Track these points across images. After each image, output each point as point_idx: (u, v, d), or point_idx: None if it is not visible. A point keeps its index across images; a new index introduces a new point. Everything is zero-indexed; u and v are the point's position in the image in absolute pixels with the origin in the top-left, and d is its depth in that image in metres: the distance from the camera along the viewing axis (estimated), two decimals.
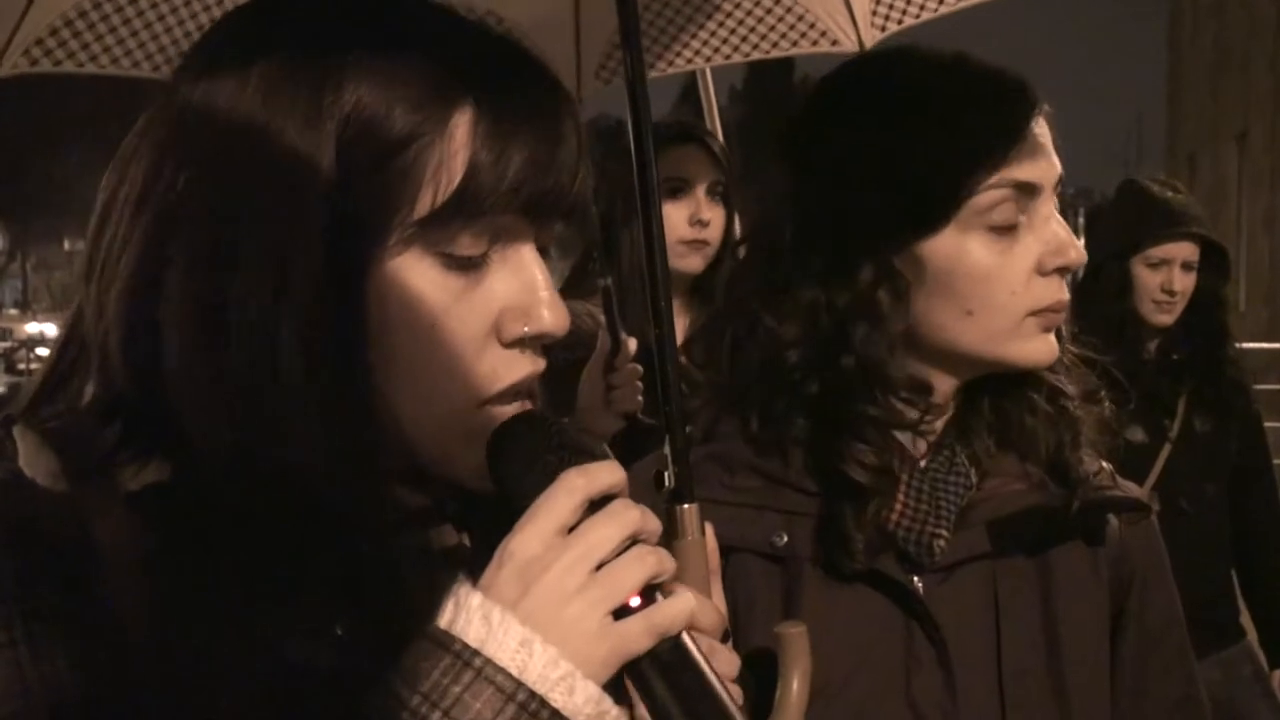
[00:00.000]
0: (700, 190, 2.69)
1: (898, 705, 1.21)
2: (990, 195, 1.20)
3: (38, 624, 0.73)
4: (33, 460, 0.79)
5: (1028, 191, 1.21)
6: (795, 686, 1.10)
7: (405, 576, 0.83)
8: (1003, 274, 1.21)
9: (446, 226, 0.82)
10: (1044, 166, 1.22)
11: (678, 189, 2.68)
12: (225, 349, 0.79)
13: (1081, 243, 1.29)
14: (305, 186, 0.79)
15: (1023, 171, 1.20)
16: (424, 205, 0.81)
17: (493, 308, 0.85)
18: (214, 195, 0.80)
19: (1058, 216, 1.23)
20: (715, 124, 3.35)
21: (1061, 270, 1.22)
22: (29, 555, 0.75)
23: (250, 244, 0.79)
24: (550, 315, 0.86)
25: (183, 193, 0.81)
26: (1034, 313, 1.22)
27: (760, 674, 1.11)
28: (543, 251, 0.89)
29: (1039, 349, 1.24)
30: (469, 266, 0.84)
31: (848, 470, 1.22)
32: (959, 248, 1.22)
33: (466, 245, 0.83)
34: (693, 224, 2.66)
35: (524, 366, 0.87)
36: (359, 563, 0.80)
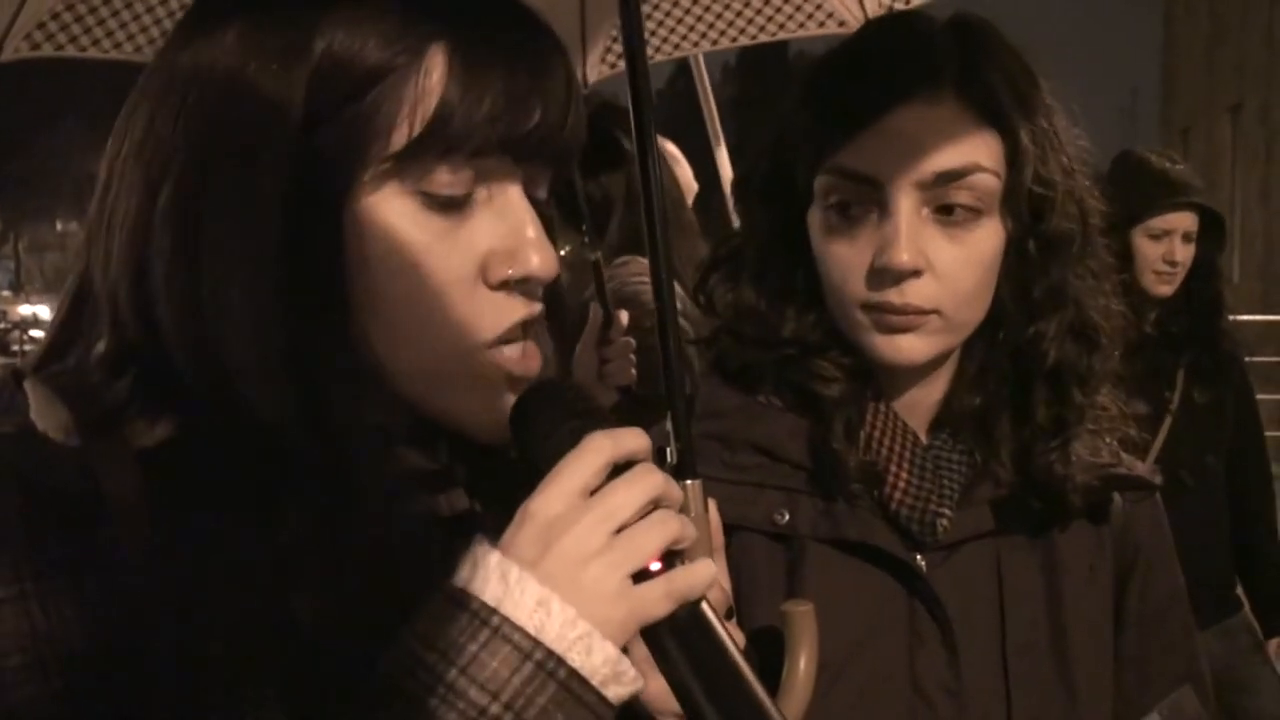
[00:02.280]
0: None
1: (901, 683, 1.20)
2: (826, 180, 1.20)
3: (47, 577, 0.74)
4: (43, 414, 0.79)
5: (866, 183, 1.17)
6: (802, 665, 1.09)
7: (412, 537, 0.83)
8: (835, 260, 1.20)
9: (421, 162, 0.82)
10: (889, 161, 1.16)
11: None
12: (199, 291, 0.80)
13: None
14: (273, 125, 0.80)
15: (858, 162, 1.17)
16: (399, 140, 0.81)
17: (477, 249, 0.84)
18: (196, 139, 0.81)
19: (906, 218, 1.15)
20: (710, 107, 3.36)
21: (884, 272, 1.16)
22: (39, 509, 0.75)
23: (221, 183, 0.80)
24: (538, 258, 0.86)
25: (172, 140, 0.82)
26: (865, 308, 1.19)
27: (765, 652, 1.10)
28: (535, 201, 0.88)
29: (879, 347, 1.19)
30: (451, 207, 0.84)
31: (815, 388, 1.23)
32: (817, 225, 1.22)
33: (446, 184, 0.83)
34: None
35: (517, 310, 0.86)
36: (349, 519, 0.80)
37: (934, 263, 1.16)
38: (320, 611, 0.78)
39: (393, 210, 0.82)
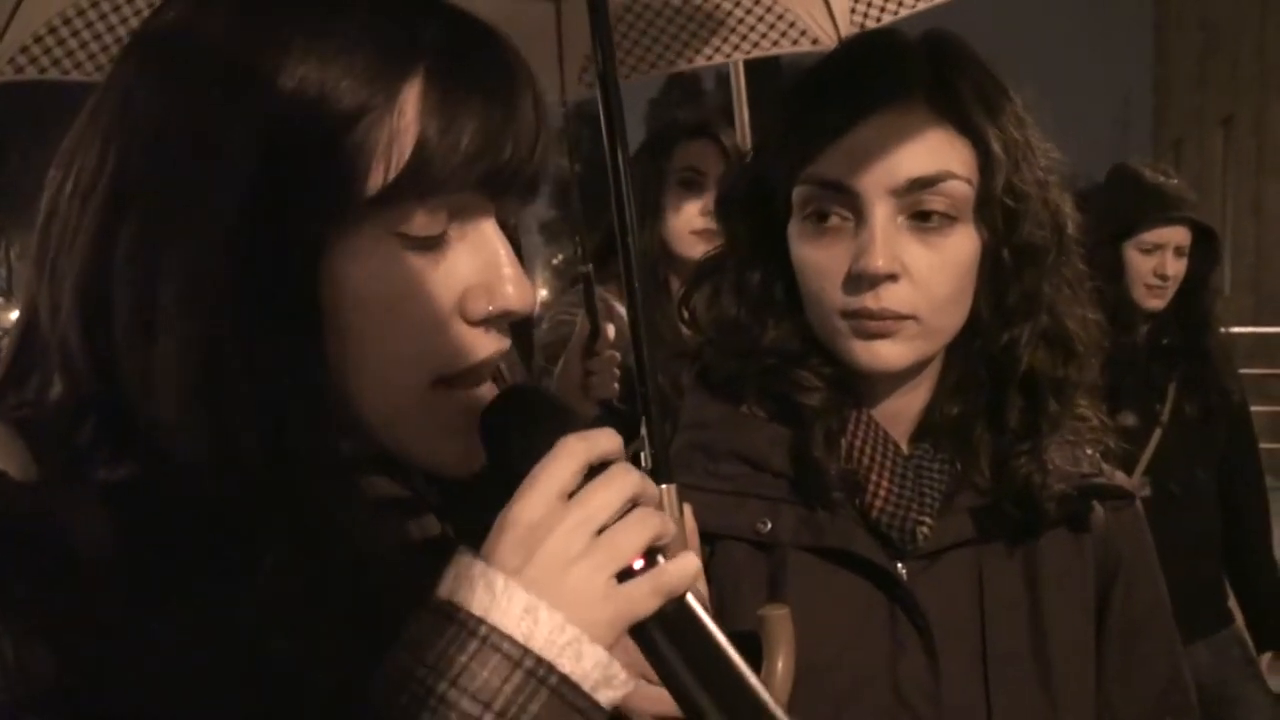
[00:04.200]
0: (713, 182, 2.78)
1: (883, 690, 1.21)
2: (803, 190, 1.22)
3: (15, 617, 0.72)
4: (3, 451, 0.77)
5: (842, 191, 1.19)
6: (780, 668, 1.11)
7: (386, 568, 0.82)
8: (813, 269, 1.22)
9: (400, 205, 0.80)
10: (863, 169, 1.18)
11: (692, 180, 2.80)
12: (159, 338, 0.77)
13: None
14: (237, 170, 0.77)
15: (832, 171, 1.19)
16: (375, 183, 0.79)
17: (455, 287, 0.83)
18: (150, 181, 0.78)
19: (882, 224, 1.17)
20: (743, 115, 3.37)
21: (861, 278, 1.17)
22: (2, 549, 0.73)
23: (182, 232, 0.77)
24: (515, 291, 0.85)
25: (125, 179, 0.79)
26: (844, 315, 1.20)
27: (743, 657, 1.11)
28: (504, 226, 0.87)
29: (858, 353, 1.20)
30: (428, 246, 0.82)
31: (796, 397, 1.24)
32: (795, 235, 1.24)
33: (423, 224, 0.81)
34: (704, 214, 2.72)
35: (489, 345, 0.86)
36: (323, 553, 0.79)
37: (909, 268, 1.18)
38: (298, 647, 0.77)
39: (371, 254, 0.80)
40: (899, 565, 1.24)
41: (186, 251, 0.77)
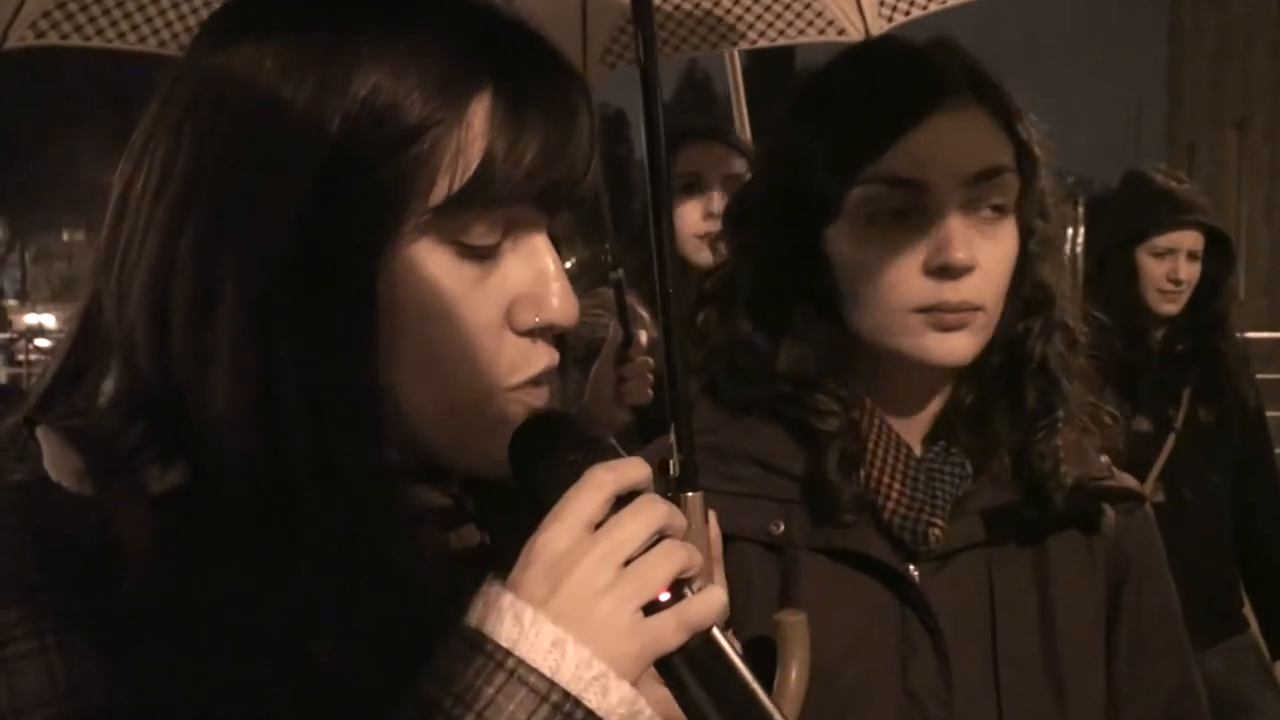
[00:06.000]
0: (715, 183, 2.75)
1: (893, 692, 1.22)
2: (865, 189, 1.21)
3: (67, 630, 0.73)
4: (57, 462, 0.78)
5: (911, 187, 1.19)
6: (794, 675, 1.11)
7: (425, 576, 0.82)
8: (881, 267, 1.21)
9: (462, 215, 0.81)
10: (934, 163, 1.19)
11: (691, 184, 2.76)
12: (216, 333, 0.79)
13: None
14: (301, 174, 0.78)
15: (903, 167, 1.19)
16: (439, 193, 0.80)
17: (505, 296, 0.84)
18: (219, 178, 0.80)
19: (955, 214, 1.18)
20: (742, 110, 3.35)
21: (943, 270, 1.18)
22: (55, 560, 0.74)
23: (244, 228, 0.79)
24: (560, 305, 0.86)
25: (196, 174, 0.80)
26: (919, 310, 1.20)
27: (758, 661, 1.11)
28: (553, 239, 0.88)
29: (932, 348, 1.21)
30: (483, 255, 0.83)
31: (812, 423, 1.25)
32: (847, 238, 1.23)
33: (481, 234, 0.83)
34: (706, 218, 2.70)
35: (540, 357, 0.86)
36: (364, 562, 0.79)
37: (979, 259, 1.19)
38: (338, 657, 0.78)
39: (428, 261, 0.81)
40: (910, 567, 1.24)
41: (247, 249, 0.79)
